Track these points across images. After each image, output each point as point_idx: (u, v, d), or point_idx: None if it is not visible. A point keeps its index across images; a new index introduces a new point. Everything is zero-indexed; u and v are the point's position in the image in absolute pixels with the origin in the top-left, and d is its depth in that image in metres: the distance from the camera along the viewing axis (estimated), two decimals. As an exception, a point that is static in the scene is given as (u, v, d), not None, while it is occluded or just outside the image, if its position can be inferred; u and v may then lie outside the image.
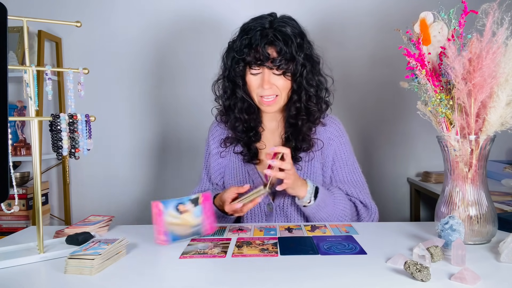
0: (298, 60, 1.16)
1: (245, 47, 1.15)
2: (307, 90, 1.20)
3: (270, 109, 1.22)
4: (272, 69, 1.15)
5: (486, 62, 0.87)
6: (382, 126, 2.17)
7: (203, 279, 0.77)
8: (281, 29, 1.14)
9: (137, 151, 2.20)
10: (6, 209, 0.88)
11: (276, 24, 1.16)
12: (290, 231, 1.06)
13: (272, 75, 1.17)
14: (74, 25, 1.00)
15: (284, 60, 1.14)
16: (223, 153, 1.33)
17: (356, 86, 2.15)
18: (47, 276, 0.82)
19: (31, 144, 0.92)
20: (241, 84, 1.21)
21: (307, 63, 1.18)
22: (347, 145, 1.30)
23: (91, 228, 1.05)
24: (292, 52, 1.14)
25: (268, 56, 1.14)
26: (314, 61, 1.22)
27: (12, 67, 0.89)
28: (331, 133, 1.29)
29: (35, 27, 2.04)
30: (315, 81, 1.21)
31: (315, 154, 1.27)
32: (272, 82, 1.17)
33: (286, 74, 1.17)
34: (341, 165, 1.28)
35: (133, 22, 2.15)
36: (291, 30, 1.15)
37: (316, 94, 1.22)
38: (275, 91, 1.18)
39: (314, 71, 1.21)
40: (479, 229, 0.92)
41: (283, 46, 1.13)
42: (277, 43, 1.13)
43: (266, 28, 1.15)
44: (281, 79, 1.17)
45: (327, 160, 1.27)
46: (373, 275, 0.76)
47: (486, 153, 0.94)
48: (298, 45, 1.16)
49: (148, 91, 2.19)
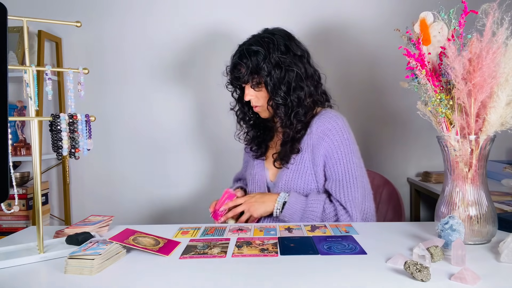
0: (262, 72, 1.26)
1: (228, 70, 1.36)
2: (274, 99, 1.28)
3: (261, 115, 1.37)
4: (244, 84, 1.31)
5: (486, 62, 0.87)
6: (382, 126, 2.17)
7: (203, 279, 0.77)
8: (248, 48, 1.27)
9: (137, 151, 2.20)
10: (6, 209, 0.88)
11: (247, 43, 1.30)
12: (290, 231, 1.06)
13: (250, 90, 1.31)
14: (74, 25, 1.00)
15: (248, 75, 1.27)
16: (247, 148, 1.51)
17: (356, 86, 2.15)
18: (47, 276, 0.82)
19: (31, 144, 0.92)
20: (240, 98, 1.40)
21: (273, 72, 1.26)
22: (343, 143, 1.27)
23: (91, 228, 1.05)
24: (253, 66, 1.26)
25: (237, 77, 1.30)
26: (284, 69, 1.26)
27: (12, 67, 0.89)
28: (323, 132, 1.28)
29: (35, 27, 2.04)
30: (281, 91, 1.27)
31: (305, 155, 1.29)
32: (253, 94, 1.31)
33: (256, 88, 1.30)
34: (333, 163, 1.27)
35: (133, 22, 2.15)
36: (257, 45, 1.27)
37: (284, 104, 1.28)
38: (256, 102, 1.32)
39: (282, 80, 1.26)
40: (479, 229, 0.92)
41: (247, 61, 1.26)
42: (242, 61, 1.27)
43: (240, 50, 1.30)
44: (257, 93, 1.31)
45: (317, 159, 1.28)
46: (373, 275, 0.76)
47: (486, 153, 0.94)
48: (263, 57, 1.25)
49: (148, 91, 2.18)
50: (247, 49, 1.27)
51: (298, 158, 1.30)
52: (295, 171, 1.29)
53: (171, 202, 2.18)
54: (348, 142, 1.29)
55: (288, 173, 1.30)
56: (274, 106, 1.29)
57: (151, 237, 0.97)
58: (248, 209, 1.27)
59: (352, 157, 1.28)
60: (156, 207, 2.18)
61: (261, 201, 1.27)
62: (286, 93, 1.27)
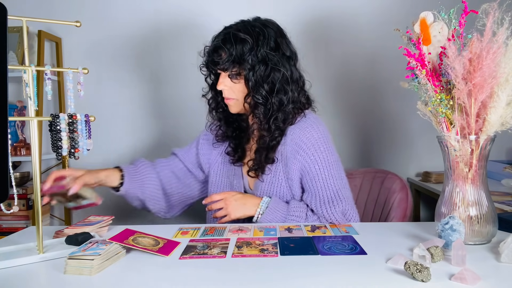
0: (245, 64, 1.15)
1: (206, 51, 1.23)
2: (254, 97, 1.17)
3: (231, 109, 1.25)
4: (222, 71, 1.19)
5: (486, 62, 0.87)
6: (382, 126, 2.17)
7: (203, 279, 0.76)
8: (235, 33, 1.16)
9: (137, 151, 2.19)
10: (6, 209, 0.88)
11: (235, 28, 1.18)
12: (290, 231, 1.05)
13: (227, 79, 1.20)
14: (74, 25, 1.00)
15: (229, 62, 1.15)
16: (216, 145, 1.37)
17: (356, 86, 2.15)
18: (46, 276, 0.82)
19: (31, 144, 0.92)
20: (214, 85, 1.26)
21: (257, 67, 1.15)
22: (320, 157, 1.19)
23: (91, 228, 1.05)
24: (237, 55, 1.14)
25: (215, 61, 1.17)
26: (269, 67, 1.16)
27: (12, 67, 0.89)
28: (298, 145, 1.21)
29: (35, 27, 2.03)
30: (264, 89, 1.16)
31: (278, 167, 1.23)
32: (227, 84, 1.20)
33: (234, 78, 1.19)
34: (311, 178, 1.19)
35: (133, 22, 2.15)
36: (246, 33, 1.15)
37: (264, 103, 1.18)
38: (231, 94, 1.21)
39: (266, 78, 1.16)
40: (479, 229, 0.92)
41: (230, 47, 1.15)
42: (226, 45, 1.15)
43: (224, 33, 1.18)
44: (235, 83, 1.19)
45: (292, 174, 1.21)
46: (373, 275, 0.76)
47: (486, 153, 0.94)
48: (250, 47, 1.14)
49: (148, 91, 2.18)
50: (233, 34, 1.15)
51: (273, 168, 1.23)
52: (269, 183, 1.24)
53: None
54: (324, 155, 1.20)
55: (262, 186, 1.24)
56: (252, 104, 1.19)
57: (150, 237, 0.97)
58: (225, 208, 1.19)
59: (331, 171, 1.19)
60: (156, 207, 2.17)
61: (242, 203, 1.19)
62: (268, 93, 1.17)
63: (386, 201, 1.51)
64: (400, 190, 1.48)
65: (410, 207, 1.42)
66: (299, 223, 1.16)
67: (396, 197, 1.47)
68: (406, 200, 1.44)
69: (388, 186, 1.53)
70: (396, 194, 1.48)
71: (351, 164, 2.14)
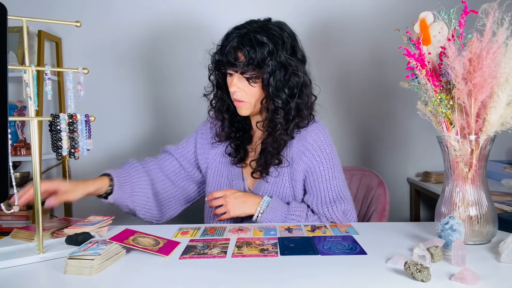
0: (265, 68, 1.13)
1: (219, 50, 1.19)
2: (274, 101, 1.16)
3: (241, 112, 1.22)
4: (237, 73, 1.16)
5: (486, 62, 0.87)
6: (382, 126, 2.17)
7: (203, 279, 0.76)
8: (254, 35, 1.13)
9: (137, 151, 2.19)
10: (6, 209, 0.88)
11: (252, 30, 1.14)
12: (290, 231, 1.05)
13: (241, 80, 1.17)
14: (74, 25, 1.00)
15: (249, 66, 1.13)
16: (214, 144, 1.34)
17: (356, 86, 2.15)
18: (47, 276, 0.82)
19: (31, 144, 0.92)
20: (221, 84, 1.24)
21: (278, 72, 1.14)
22: (325, 158, 1.21)
23: (91, 228, 1.05)
24: (258, 58, 1.12)
25: (234, 61, 1.14)
26: (289, 72, 1.15)
27: (12, 67, 0.89)
28: (305, 146, 1.22)
29: (35, 27, 2.03)
30: (284, 94, 1.16)
31: (284, 169, 1.23)
32: (240, 87, 1.18)
33: (252, 81, 1.16)
34: (315, 179, 1.21)
35: (133, 22, 2.15)
36: (266, 37, 1.13)
37: (284, 108, 1.17)
38: (243, 96, 1.19)
39: (286, 83, 1.16)
40: (479, 229, 0.92)
41: (250, 50, 1.12)
42: (244, 48, 1.12)
43: (241, 34, 1.15)
44: (249, 86, 1.17)
45: (297, 175, 1.22)
46: (373, 275, 0.76)
47: (486, 153, 0.94)
48: (269, 51, 1.13)
49: (148, 91, 2.18)
50: (252, 37, 1.12)
51: (276, 172, 1.23)
52: (273, 184, 1.23)
53: (171, 202, 2.18)
54: (330, 157, 1.22)
55: (266, 186, 1.23)
56: (271, 109, 1.17)
57: (151, 237, 0.97)
58: (225, 205, 1.18)
59: (334, 172, 1.22)
60: (156, 207, 2.17)
61: (242, 201, 1.19)
62: (289, 97, 1.16)
63: (364, 198, 1.56)
64: (378, 186, 1.53)
65: (388, 202, 1.47)
66: (299, 223, 1.16)
67: (374, 193, 1.52)
68: (384, 196, 1.49)
69: (366, 183, 1.58)
70: (374, 191, 1.53)
71: (351, 164, 2.14)
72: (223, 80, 1.24)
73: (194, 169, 1.38)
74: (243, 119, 1.29)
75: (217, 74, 1.24)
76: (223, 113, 1.27)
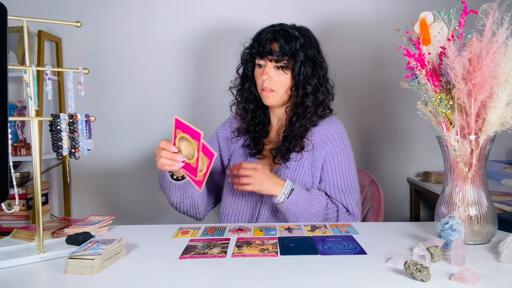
0: (298, 58, 1.25)
1: (254, 42, 1.30)
2: (304, 87, 1.27)
3: (268, 101, 1.30)
4: (271, 61, 1.26)
5: (486, 62, 0.87)
6: (382, 126, 2.17)
7: (203, 279, 0.76)
8: (287, 29, 1.27)
9: (137, 151, 2.20)
10: (7, 209, 0.88)
11: (285, 26, 1.29)
12: (290, 231, 1.06)
13: (273, 70, 1.27)
14: (74, 25, 1.00)
15: (283, 54, 1.24)
16: (233, 139, 1.41)
17: (356, 86, 2.15)
18: (47, 276, 0.82)
19: (31, 144, 0.92)
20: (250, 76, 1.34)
21: (307, 63, 1.26)
22: (343, 149, 1.30)
23: (91, 228, 1.05)
24: (292, 49, 1.24)
25: (270, 50, 1.25)
26: (317, 64, 1.29)
27: (12, 67, 0.89)
28: (326, 136, 1.30)
29: (35, 27, 2.04)
30: (313, 81, 1.27)
31: (305, 155, 1.29)
32: (271, 75, 1.27)
33: (285, 69, 1.26)
34: (332, 168, 1.28)
35: (132, 22, 2.15)
36: (298, 33, 1.27)
37: (314, 93, 1.28)
38: (273, 85, 1.27)
39: (314, 73, 1.28)
40: (479, 229, 0.92)
41: (284, 42, 1.24)
42: (279, 39, 1.24)
43: (275, 29, 1.28)
44: (281, 74, 1.27)
45: (317, 162, 1.28)
46: (373, 275, 0.76)
47: (486, 153, 0.94)
48: (301, 45, 1.25)
49: (148, 91, 2.18)
50: (286, 31, 1.26)
51: (298, 157, 1.28)
52: (294, 170, 1.28)
53: (171, 202, 2.18)
54: (347, 149, 1.31)
55: (286, 172, 1.27)
56: (302, 94, 1.27)
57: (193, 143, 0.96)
58: (254, 176, 1.16)
59: (350, 163, 1.31)
60: (156, 207, 2.18)
61: (270, 179, 1.18)
62: (316, 86, 1.28)
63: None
64: (371, 184, 1.55)
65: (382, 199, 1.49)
66: (319, 211, 1.21)
67: (368, 191, 1.54)
68: (378, 193, 1.51)
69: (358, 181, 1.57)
70: (367, 188, 1.55)
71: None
72: (251, 72, 1.34)
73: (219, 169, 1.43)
74: (263, 113, 1.38)
75: (247, 67, 1.34)
76: (250, 103, 1.36)
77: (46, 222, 1.13)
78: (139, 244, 0.97)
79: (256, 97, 1.35)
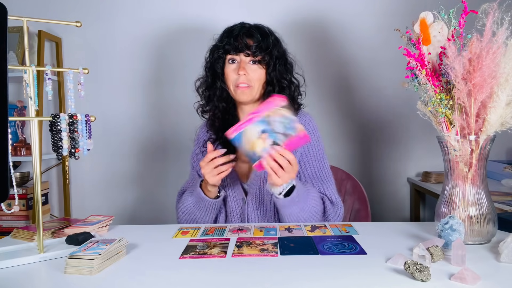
0: (273, 53, 1.27)
1: (226, 37, 1.28)
2: (280, 82, 1.29)
3: (244, 97, 1.27)
4: (248, 56, 1.25)
5: (486, 62, 0.87)
6: (382, 126, 2.17)
7: (203, 279, 0.76)
8: (260, 26, 1.30)
9: (137, 151, 2.20)
10: (6, 209, 0.88)
11: (254, 24, 1.31)
12: (290, 231, 1.06)
13: (248, 65, 1.26)
14: (74, 25, 1.00)
15: (260, 49, 1.25)
16: (204, 153, 1.33)
17: (356, 86, 2.15)
18: (47, 276, 0.82)
19: (31, 144, 0.92)
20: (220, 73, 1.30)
21: (281, 59, 1.29)
22: (317, 141, 1.33)
23: (91, 228, 1.05)
24: (267, 44, 1.26)
25: (246, 45, 1.25)
26: (287, 61, 1.32)
27: (12, 67, 0.89)
28: None
29: (35, 27, 2.04)
30: (288, 76, 1.31)
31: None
32: (248, 71, 1.25)
33: (262, 63, 1.27)
34: (309, 160, 1.31)
35: (133, 22, 2.15)
36: (268, 31, 1.30)
37: (289, 87, 1.31)
38: (249, 80, 1.26)
39: (287, 69, 1.31)
40: (479, 229, 0.92)
41: (260, 38, 1.26)
42: (255, 35, 1.26)
43: (246, 26, 1.29)
44: (256, 70, 1.26)
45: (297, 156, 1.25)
46: (373, 275, 0.76)
47: (486, 153, 0.94)
48: (273, 41, 1.28)
49: (148, 91, 2.19)
50: (258, 27, 1.28)
51: None
52: None
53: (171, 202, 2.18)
54: (319, 141, 1.34)
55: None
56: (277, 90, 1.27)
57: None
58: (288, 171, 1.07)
59: (323, 155, 1.34)
60: (156, 207, 2.18)
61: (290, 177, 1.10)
62: (291, 80, 1.31)
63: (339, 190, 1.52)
64: (347, 178, 1.57)
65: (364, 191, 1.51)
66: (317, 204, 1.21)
67: (347, 184, 1.56)
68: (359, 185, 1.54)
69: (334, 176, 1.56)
70: (345, 182, 1.57)
71: (351, 164, 2.14)
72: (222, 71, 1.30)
73: None
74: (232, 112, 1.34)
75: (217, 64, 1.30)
76: (222, 101, 1.32)
77: (46, 222, 1.13)
78: (139, 244, 0.97)
79: (228, 95, 1.32)
